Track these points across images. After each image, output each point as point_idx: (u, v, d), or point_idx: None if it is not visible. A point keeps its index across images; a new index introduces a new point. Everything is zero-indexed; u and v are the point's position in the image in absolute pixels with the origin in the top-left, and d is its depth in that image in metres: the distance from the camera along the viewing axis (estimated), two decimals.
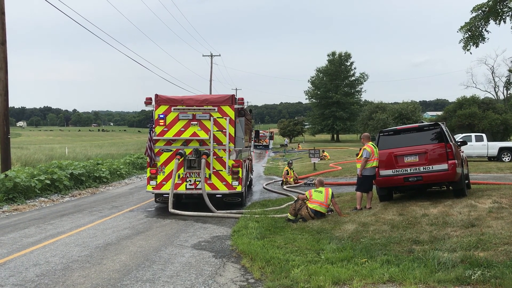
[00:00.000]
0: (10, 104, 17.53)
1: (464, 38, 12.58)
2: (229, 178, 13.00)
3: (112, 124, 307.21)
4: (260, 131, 74.54)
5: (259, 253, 7.83)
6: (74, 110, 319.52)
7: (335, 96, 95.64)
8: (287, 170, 21.35)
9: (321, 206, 11.06)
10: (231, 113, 13.04)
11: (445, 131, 11.71)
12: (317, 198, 11.13)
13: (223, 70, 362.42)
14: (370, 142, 11.65)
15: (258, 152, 59.01)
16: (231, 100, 13.10)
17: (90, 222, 11.37)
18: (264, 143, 69.02)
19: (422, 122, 12.67)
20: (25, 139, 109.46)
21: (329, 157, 36.88)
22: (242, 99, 13.29)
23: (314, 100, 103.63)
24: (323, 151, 38.45)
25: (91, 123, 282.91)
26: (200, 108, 13.00)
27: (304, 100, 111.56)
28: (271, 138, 73.50)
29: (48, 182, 17.00)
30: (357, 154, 11.97)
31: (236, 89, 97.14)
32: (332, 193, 11.27)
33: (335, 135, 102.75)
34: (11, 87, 17.07)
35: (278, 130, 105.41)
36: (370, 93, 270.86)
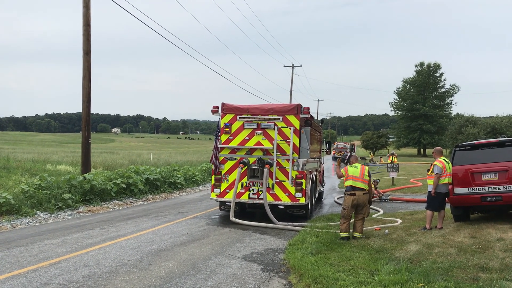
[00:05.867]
0: (106, 112, 18.78)
1: None
2: (292, 189, 12.66)
3: (198, 132, 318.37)
4: (341, 143, 73.09)
5: (309, 269, 7.45)
6: (164, 119, 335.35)
7: (423, 109, 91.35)
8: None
9: (356, 182, 10.49)
10: (296, 122, 12.74)
11: None
12: (353, 173, 10.63)
13: (304, 81, 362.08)
14: (442, 157, 10.82)
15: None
16: (297, 109, 12.80)
17: (152, 227, 11.59)
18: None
19: (504, 137, 11.52)
20: (118, 145, 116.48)
21: (396, 161, 33.54)
22: (308, 108, 12.93)
23: (400, 112, 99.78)
24: (393, 155, 35.24)
25: (180, 131, 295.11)
26: (265, 117, 12.85)
27: (391, 112, 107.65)
28: (352, 150, 71.73)
29: (123, 186, 17.72)
30: (428, 170, 11.15)
31: (317, 100, 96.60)
32: (368, 171, 10.74)
33: (421, 149, 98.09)
34: (107, 95, 18.26)
35: (361, 142, 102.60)
36: (462, 106, 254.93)
